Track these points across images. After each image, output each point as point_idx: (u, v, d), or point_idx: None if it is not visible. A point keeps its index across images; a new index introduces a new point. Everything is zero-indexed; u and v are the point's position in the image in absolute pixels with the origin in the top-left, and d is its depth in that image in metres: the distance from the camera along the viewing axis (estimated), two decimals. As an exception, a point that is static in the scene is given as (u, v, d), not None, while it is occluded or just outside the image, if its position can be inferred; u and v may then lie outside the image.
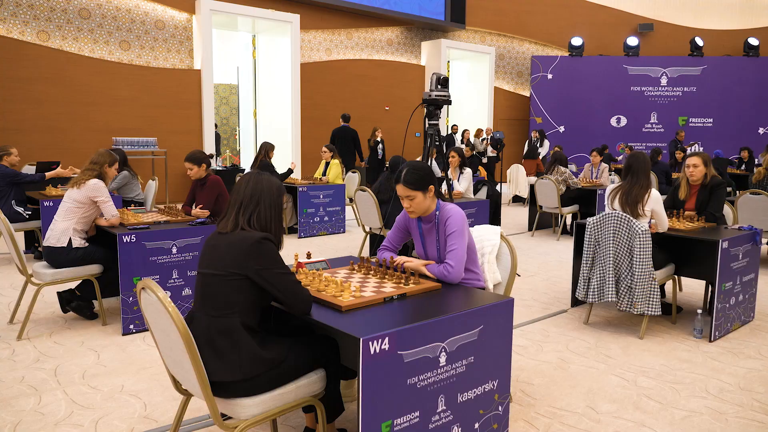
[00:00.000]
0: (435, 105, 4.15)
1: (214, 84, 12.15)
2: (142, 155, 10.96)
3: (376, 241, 6.51)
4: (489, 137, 14.28)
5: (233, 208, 2.22)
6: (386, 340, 1.93)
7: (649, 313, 3.86)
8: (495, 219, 6.92)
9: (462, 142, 13.98)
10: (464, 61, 16.83)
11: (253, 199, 2.22)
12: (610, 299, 3.95)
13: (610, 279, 3.95)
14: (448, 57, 16.09)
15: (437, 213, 2.76)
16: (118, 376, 3.28)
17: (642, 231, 3.81)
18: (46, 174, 6.19)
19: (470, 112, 16.69)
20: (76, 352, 3.64)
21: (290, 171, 8.17)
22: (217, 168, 11.34)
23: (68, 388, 3.13)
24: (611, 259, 3.96)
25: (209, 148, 11.89)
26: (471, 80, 16.91)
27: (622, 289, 3.95)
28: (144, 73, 11.15)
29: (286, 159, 12.59)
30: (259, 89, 13.38)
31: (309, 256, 2.84)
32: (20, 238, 6.36)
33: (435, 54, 15.37)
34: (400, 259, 2.73)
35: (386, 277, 2.57)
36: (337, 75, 14.14)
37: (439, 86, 4.08)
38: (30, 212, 6.15)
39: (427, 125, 4.12)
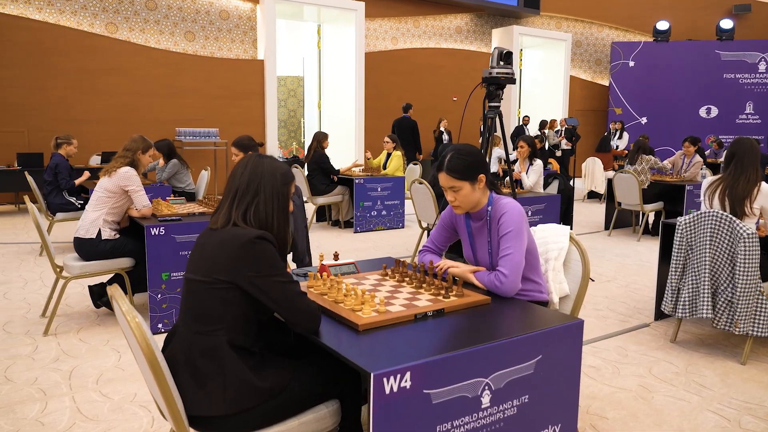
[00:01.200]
0: (496, 84, 3.61)
1: (282, 76, 12.01)
2: (204, 146, 10.93)
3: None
4: (563, 129, 13.41)
5: (227, 198, 1.82)
6: (408, 375, 1.46)
7: (755, 334, 3.18)
8: (566, 217, 6.25)
9: (542, 135, 13.15)
10: (538, 49, 15.93)
11: (251, 188, 1.80)
12: (704, 315, 3.29)
13: (706, 291, 3.29)
14: (520, 45, 15.27)
15: (489, 209, 2.25)
16: (133, 382, 2.98)
17: (748, 234, 3.13)
18: (76, 181, 6.11)
19: (543, 103, 15.79)
20: (98, 351, 3.38)
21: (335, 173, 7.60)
22: (278, 159, 11.12)
23: (78, 394, 2.85)
24: (707, 266, 3.29)
25: (272, 139, 11.74)
26: (545, 69, 15.99)
27: (720, 303, 3.28)
28: (207, 63, 11.11)
29: (349, 151, 12.28)
30: (323, 80, 13.12)
31: (336, 257, 2.41)
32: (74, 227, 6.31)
33: (506, 42, 14.59)
34: (444, 263, 2.24)
35: (424, 286, 2.09)
36: (403, 64, 13.67)
37: (501, 62, 3.54)
38: (82, 201, 6.08)
39: (486, 108, 3.60)
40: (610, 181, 7.45)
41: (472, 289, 2.15)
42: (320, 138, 7.51)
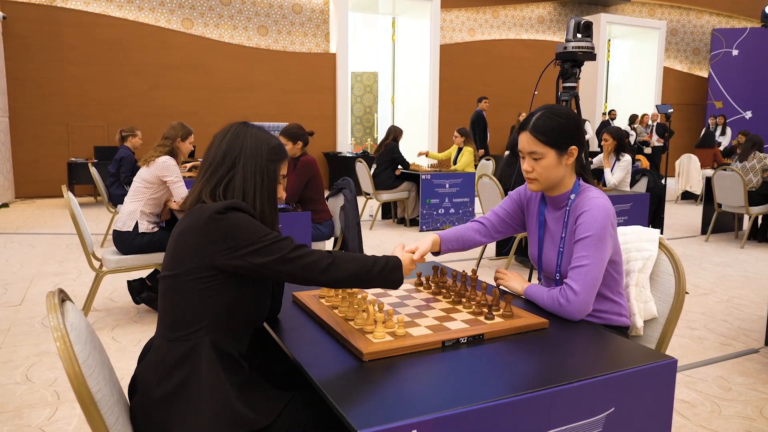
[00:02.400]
0: (572, 61, 3.07)
1: (357, 72, 11.79)
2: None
3: (505, 239, 5.49)
4: (655, 124, 12.34)
5: (200, 174, 1.46)
6: (414, 434, 1.04)
7: None
8: (656, 219, 5.54)
9: (632, 130, 12.16)
10: (628, 39, 14.82)
11: (227, 160, 1.44)
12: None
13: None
14: (608, 35, 14.26)
15: (572, 197, 1.76)
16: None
17: None
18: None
19: (632, 97, 14.66)
20: (126, 352, 3.16)
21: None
22: (346, 154, 10.89)
23: (92, 400, 2.61)
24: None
25: (342, 134, 11.53)
26: (635, 60, 14.85)
27: None
28: (280, 57, 11.03)
29: (422, 147, 11.84)
30: (397, 74, 12.77)
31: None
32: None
33: (593, 31, 13.62)
34: (503, 277, 1.82)
35: (463, 300, 1.65)
36: (481, 56, 13.08)
37: (578, 34, 3.01)
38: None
39: (560, 89, 3.07)
40: (708, 180, 6.61)
41: (531, 308, 1.69)
42: (397, 133, 7.16)
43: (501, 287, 1.86)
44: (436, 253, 1.89)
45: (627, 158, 5.16)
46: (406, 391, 1.18)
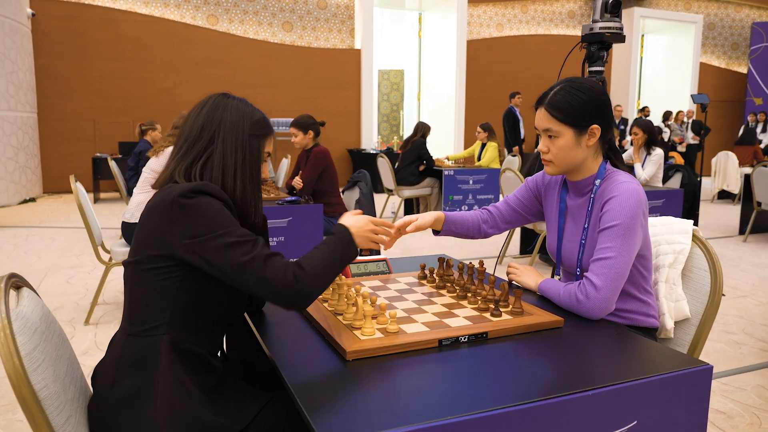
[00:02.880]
0: (599, 43, 2.86)
1: (384, 70, 11.65)
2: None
3: (530, 236, 5.28)
4: (690, 121, 11.91)
5: (174, 151, 1.32)
6: (393, 448, 0.88)
7: None
8: (691, 216, 5.26)
9: (666, 127, 11.75)
10: (662, 33, 14.36)
11: (205, 134, 1.28)
12: None
13: None
14: (642, 29, 13.84)
15: (597, 182, 1.57)
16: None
17: None
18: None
19: (666, 94, 14.20)
20: (130, 347, 3.07)
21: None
22: (369, 151, 10.75)
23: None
24: None
25: (366, 131, 11.40)
26: (670, 56, 14.39)
27: None
28: (304, 53, 10.95)
29: (448, 144, 11.66)
30: (423, 71, 12.59)
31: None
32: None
33: (626, 25, 13.22)
34: (515, 271, 1.65)
35: (468, 295, 1.48)
36: (509, 52, 12.80)
37: (606, 14, 2.81)
38: (161, 188, 5.99)
39: (585, 73, 2.85)
40: (747, 178, 6.27)
41: (545, 305, 1.51)
42: (424, 129, 6.96)
43: (513, 282, 1.68)
44: (436, 232, 1.73)
45: (659, 152, 4.89)
46: (391, 397, 1.02)
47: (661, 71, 14.54)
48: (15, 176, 8.41)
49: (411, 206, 7.69)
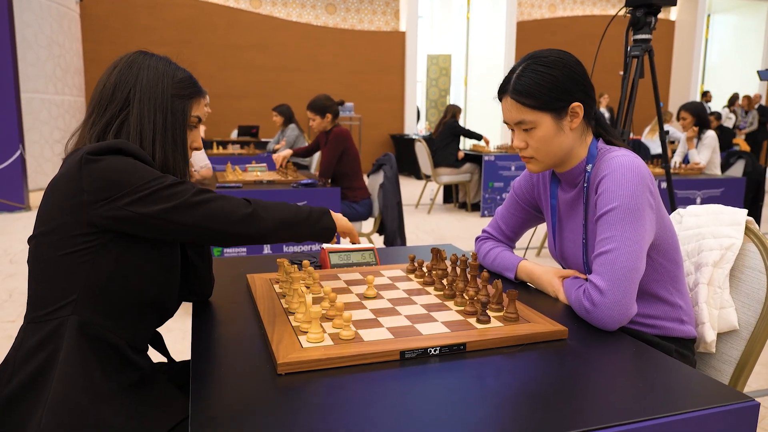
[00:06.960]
0: (646, 6, 2.48)
1: (433, 55, 11.33)
2: (339, 121, 10.62)
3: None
4: (758, 106, 11.06)
5: (85, 117, 1.12)
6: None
7: None
8: (754, 209, 4.77)
9: (731, 112, 10.96)
10: (730, 13, 13.40)
11: (118, 95, 1.08)
12: None
13: None
14: (707, 9, 12.93)
15: (588, 168, 1.30)
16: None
17: None
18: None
19: (732, 78, 13.26)
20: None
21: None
22: (413, 136, 10.47)
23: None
24: None
25: (411, 116, 11.11)
26: (738, 38, 13.42)
27: None
28: (347, 36, 10.73)
29: (495, 131, 11.23)
30: (471, 54, 12.16)
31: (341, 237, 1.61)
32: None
33: (690, 5, 12.41)
34: (527, 268, 1.38)
35: (458, 293, 1.22)
36: (562, 35, 12.19)
37: (655, -26, 2.44)
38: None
39: (630, 43, 2.48)
40: (822, 167, 5.68)
41: (555, 309, 1.24)
42: (454, 110, 6.70)
43: (518, 280, 1.41)
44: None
45: (710, 134, 4.43)
46: (322, 426, 0.78)
47: (728, 54, 13.59)
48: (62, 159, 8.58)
49: (450, 194, 7.40)
